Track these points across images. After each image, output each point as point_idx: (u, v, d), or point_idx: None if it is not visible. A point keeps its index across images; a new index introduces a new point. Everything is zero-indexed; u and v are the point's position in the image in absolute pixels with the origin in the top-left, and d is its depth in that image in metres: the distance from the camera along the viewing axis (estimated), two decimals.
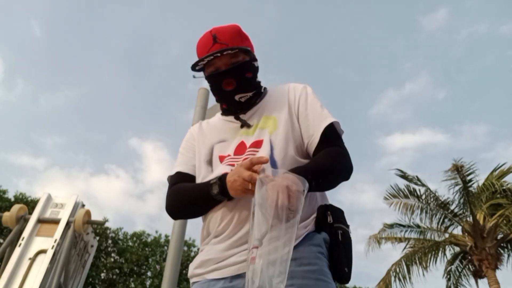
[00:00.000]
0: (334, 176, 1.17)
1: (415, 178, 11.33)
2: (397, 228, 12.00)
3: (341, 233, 1.12)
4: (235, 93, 1.28)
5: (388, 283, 11.21)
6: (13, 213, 3.54)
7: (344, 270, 1.09)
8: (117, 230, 17.97)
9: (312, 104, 1.28)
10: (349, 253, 1.13)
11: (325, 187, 1.17)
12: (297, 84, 1.35)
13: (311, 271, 1.03)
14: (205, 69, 1.31)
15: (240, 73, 1.27)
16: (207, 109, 4.93)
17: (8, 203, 14.12)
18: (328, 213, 1.15)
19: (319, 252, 1.08)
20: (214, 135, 1.33)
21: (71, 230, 3.43)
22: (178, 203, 1.23)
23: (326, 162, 1.16)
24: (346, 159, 1.21)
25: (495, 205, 10.72)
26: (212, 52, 1.22)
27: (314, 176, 1.05)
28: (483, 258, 10.59)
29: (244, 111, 1.32)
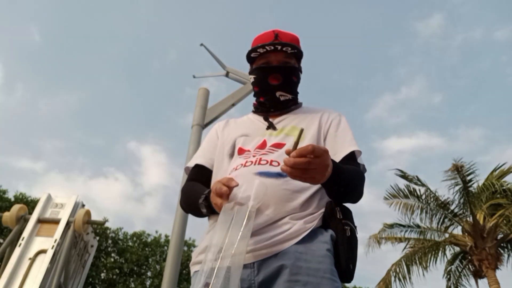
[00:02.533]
0: (352, 191, 1.16)
1: (415, 178, 11.33)
2: (397, 228, 12.00)
3: (348, 229, 1.10)
4: (278, 89, 1.33)
5: (388, 283, 11.21)
6: (13, 213, 3.54)
7: (349, 267, 1.07)
8: (117, 230, 17.97)
9: (344, 129, 1.31)
10: (355, 251, 1.11)
11: (338, 197, 1.15)
12: (333, 110, 1.38)
13: (318, 269, 1.01)
14: (256, 61, 1.36)
15: (289, 73, 1.33)
16: (207, 109, 4.94)
17: (8, 203, 14.12)
18: (337, 209, 1.14)
19: (327, 249, 1.06)
20: (238, 130, 1.35)
21: (71, 230, 3.43)
22: (185, 204, 1.28)
23: (353, 179, 1.16)
24: (363, 184, 1.22)
25: (495, 205, 10.72)
26: (273, 42, 1.29)
27: (343, 182, 1.07)
28: (483, 258, 10.58)
29: (276, 112, 1.35)
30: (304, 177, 0.93)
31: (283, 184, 1.11)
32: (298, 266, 1.00)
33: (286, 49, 1.30)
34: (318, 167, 0.92)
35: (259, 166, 1.16)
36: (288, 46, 1.30)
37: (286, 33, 1.36)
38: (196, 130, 4.56)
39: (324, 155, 0.93)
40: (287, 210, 1.09)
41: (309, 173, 0.92)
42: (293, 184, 1.11)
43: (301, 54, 1.37)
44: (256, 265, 1.03)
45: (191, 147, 4.37)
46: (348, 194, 1.15)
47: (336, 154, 1.21)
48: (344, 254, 1.07)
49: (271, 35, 1.33)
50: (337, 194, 1.13)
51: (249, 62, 1.40)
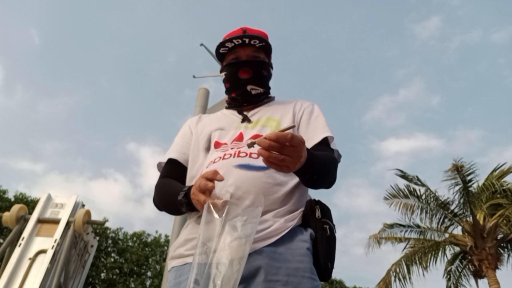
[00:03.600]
0: (325, 178, 1.16)
1: (415, 178, 11.33)
2: (397, 228, 12.00)
3: (327, 228, 1.10)
4: (248, 83, 1.33)
5: (388, 283, 11.21)
6: (13, 213, 3.54)
7: (327, 265, 1.07)
8: (117, 230, 17.96)
9: (317, 117, 1.31)
10: (333, 250, 1.11)
11: (311, 184, 1.15)
12: (306, 100, 1.39)
13: (298, 268, 1.00)
14: (226, 58, 1.37)
15: (258, 67, 1.34)
16: (207, 109, 4.93)
17: (8, 203, 14.11)
18: (317, 207, 1.14)
19: (306, 248, 1.06)
20: (213, 124, 1.34)
21: (71, 230, 3.43)
22: (160, 202, 1.24)
23: (327, 164, 1.15)
24: (336, 169, 1.22)
25: (495, 205, 10.71)
26: (240, 35, 1.31)
27: (316, 171, 1.06)
28: (483, 258, 10.58)
29: (249, 106, 1.35)
30: (277, 164, 0.92)
31: (264, 176, 1.10)
32: (277, 266, 0.99)
33: (254, 42, 1.31)
34: (293, 155, 0.91)
35: (239, 158, 1.15)
36: (256, 38, 1.31)
37: (254, 29, 1.37)
38: None
39: (301, 146, 0.92)
40: (267, 204, 1.08)
41: (283, 161, 0.91)
42: (274, 177, 1.11)
43: (270, 49, 1.38)
44: None
45: None
46: (321, 181, 1.14)
47: (308, 140, 1.21)
48: (323, 253, 1.07)
49: (239, 31, 1.35)
50: (310, 182, 1.13)
51: (220, 60, 1.41)
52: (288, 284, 0.96)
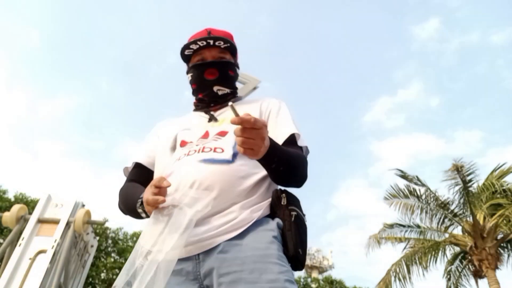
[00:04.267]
0: (293, 172, 1.16)
1: (415, 178, 11.32)
2: (397, 228, 12.00)
3: (295, 215, 1.09)
4: (215, 84, 1.35)
5: (388, 283, 11.20)
6: (13, 213, 3.54)
7: (298, 252, 1.05)
8: (117, 230, 17.96)
9: (284, 115, 1.31)
10: (303, 236, 1.10)
11: (279, 177, 1.15)
12: (273, 98, 1.39)
13: (264, 255, 1.00)
14: (191, 59, 1.38)
15: (224, 68, 1.35)
16: None
17: (8, 203, 14.09)
18: (282, 195, 1.13)
19: (273, 236, 1.05)
20: (179, 125, 1.35)
21: (71, 230, 3.43)
22: (123, 207, 1.25)
23: (293, 159, 1.16)
24: (306, 165, 1.21)
25: (495, 205, 10.70)
26: (205, 37, 1.32)
27: (279, 160, 1.08)
28: (483, 258, 10.58)
29: (216, 106, 1.36)
30: (243, 147, 0.95)
31: (228, 169, 1.11)
32: (243, 256, 0.99)
33: (219, 43, 1.32)
34: (256, 137, 0.94)
35: (203, 153, 1.16)
36: (221, 40, 1.32)
37: (218, 30, 1.39)
38: None
39: (263, 128, 0.96)
40: (232, 197, 1.08)
41: (248, 143, 0.94)
42: (238, 170, 1.12)
43: (235, 50, 1.39)
44: (201, 256, 1.03)
45: None
46: (289, 174, 1.14)
47: (276, 138, 1.19)
48: (291, 239, 1.06)
49: (204, 32, 1.36)
50: (277, 174, 1.13)
51: (185, 62, 1.41)
52: (255, 271, 0.96)
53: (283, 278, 0.96)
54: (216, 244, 1.02)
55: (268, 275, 0.95)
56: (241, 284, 0.95)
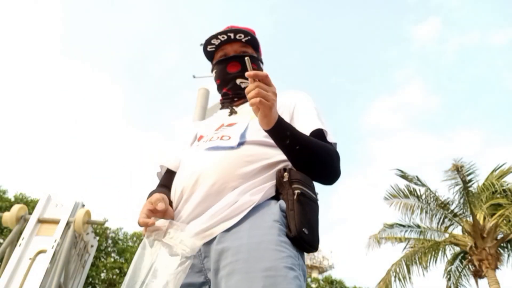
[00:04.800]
0: (317, 161, 1.08)
1: (415, 178, 11.32)
2: (397, 228, 12.00)
3: (298, 193, 0.99)
4: (237, 77, 1.35)
5: (388, 283, 11.20)
6: (13, 213, 3.54)
7: (302, 232, 0.95)
8: (117, 230, 17.95)
9: (310, 109, 1.26)
10: (309, 214, 1.00)
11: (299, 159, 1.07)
12: (299, 91, 1.36)
13: (261, 241, 0.92)
14: (215, 56, 1.40)
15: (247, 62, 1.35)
16: (207, 109, 4.93)
17: (8, 203, 14.09)
18: (285, 174, 1.04)
19: (273, 220, 0.97)
20: (204, 123, 1.39)
21: (71, 230, 3.43)
22: None
23: (316, 143, 1.10)
24: (336, 159, 1.14)
25: (495, 205, 10.71)
26: (225, 30, 1.33)
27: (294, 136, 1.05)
28: (483, 258, 10.58)
29: (240, 100, 1.35)
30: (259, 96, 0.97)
31: (232, 155, 1.08)
32: (239, 244, 0.93)
33: (240, 37, 1.33)
34: (268, 90, 0.98)
35: (210, 142, 1.15)
36: (241, 33, 1.33)
37: (240, 26, 1.39)
38: None
39: (274, 87, 1.00)
40: (232, 182, 1.03)
41: (262, 94, 0.97)
42: (243, 155, 1.08)
43: (257, 44, 1.40)
44: (202, 249, 0.99)
45: None
46: (310, 160, 1.07)
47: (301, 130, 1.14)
48: (293, 219, 0.96)
49: (225, 28, 1.38)
50: (295, 155, 1.07)
51: (210, 60, 1.43)
52: (249, 260, 0.89)
53: (281, 265, 0.88)
54: (215, 235, 0.98)
55: (263, 263, 0.88)
56: (236, 275, 0.88)
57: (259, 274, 0.86)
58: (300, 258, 0.96)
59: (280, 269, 0.87)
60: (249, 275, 0.87)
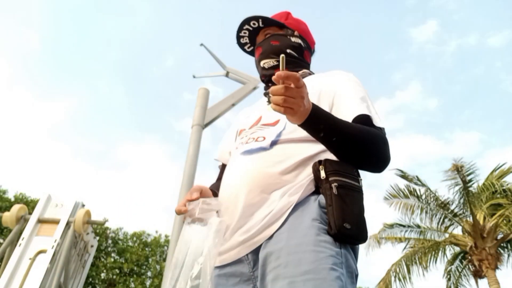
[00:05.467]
0: (359, 149, 1.01)
1: (415, 178, 11.32)
2: (397, 228, 12.00)
3: (336, 186, 0.94)
4: (260, 59, 1.32)
5: (388, 283, 11.21)
6: (13, 213, 3.54)
7: (342, 226, 0.89)
8: (117, 230, 17.96)
9: (352, 92, 1.14)
10: (352, 206, 0.94)
11: (338, 150, 1.01)
12: (341, 71, 1.25)
13: (300, 244, 0.89)
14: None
15: (266, 42, 1.32)
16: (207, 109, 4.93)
17: (8, 203, 14.10)
18: (320, 167, 0.98)
19: (312, 219, 0.93)
20: (246, 113, 1.35)
21: (71, 230, 3.43)
22: None
23: (356, 131, 1.01)
24: (383, 144, 1.05)
25: (495, 205, 10.71)
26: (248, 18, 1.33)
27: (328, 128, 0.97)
28: (483, 258, 10.58)
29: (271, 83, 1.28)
30: (284, 105, 0.88)
31: (264, 156, 1.05)
32: (279, 248, 0.91)
33: (254, 24, 1.33)
34: (296, 96, 0.88)
35: (246, 145, 1.12)
36: (256, 19, 1.32)
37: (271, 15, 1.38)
38: (196, 130, 4.56)
39: (304, 87, 0.89)
40: (269, 186, 1.00)
41: (288, 102, 0.88)
42: (275, 155, 1.04)
43: (278, 23, 1.34)
44: (249, 256, 0.99)
45: (191, 147, 4.37)
46: (351, 149, 1.00)
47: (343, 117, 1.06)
48: (332, 215, 0.91)
49: None
50: (334, 147, 1.00)
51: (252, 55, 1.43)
52: (289, 265, 0.87)
53: (320, 266, 0.84)
54: (260, 243, 0.96)
55: (302, 267, 0.85)
56: (279, 281, 0.86)
57: (298, 278, 0.84)
58: (345, 255, 0.91)
59: (320, 271, 0.84)
60: (289, 280, 0.85)
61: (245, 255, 0.99)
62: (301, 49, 1.33)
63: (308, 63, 1.36)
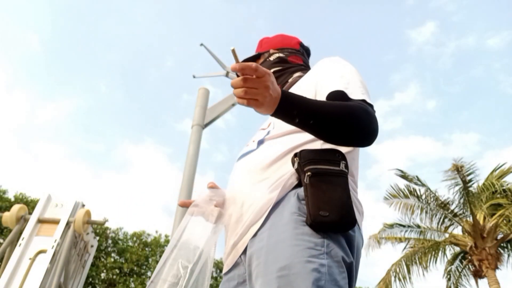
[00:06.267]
0: (340, 126, 0.94)
1: (415, 178, 11.32)
2: (397, 228, 12.00)
3: (309, 175, 0.91)
4: None
5: (388, 283, 11.21)
6: (13, 213, 3.54)
7: (318, 215, 0.86)
8: (117, 230, 17.96)
9: (330, 72, 1.11)
10: (330, 192, 0.90)
11: (320, 132, 0.96)
12: (328, 57, 1.21)
13: (277, 241, 0.88)
14: None
15: None
16: (207, 109, 4.93)
17: (8, 203, 14.10)
18: (295, 159, 0.96)
19: (290, 213, 0.91)
20: None
21: (71, 230, 3.43)
22: None
23: (330, 108, 0.95)
24: (365, 114, 0.98)
25: (495, 205, 10.71)
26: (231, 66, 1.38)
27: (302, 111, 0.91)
28: (483, 258, 10.58)
29: None
30: (245, 97, 0.85)
31: (250, 158, 1.08)
32: (260, 247, 0.90)
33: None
34: (259, 86, 0.84)
35: (240, 153, 1.17)
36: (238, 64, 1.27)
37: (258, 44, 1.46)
38: (196, 130, 4.56)
39: (267, 76, 0.84)
40: (254, 185, 1.00)
41: (250, 93, 0.84)
42: (259, 154, 1.06)
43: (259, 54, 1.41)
44: (243, 258, 0.99)
45: (191, 147, 4.37)
46: (332, 128, 0.94)
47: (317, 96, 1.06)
48: (307, 206, 0.88)
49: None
50: (314, 131, 0.96)
51: None
52: (267, 262, 0.86)
53: (295, 260, 0.83)
54: (247, 243, 0.96)
55: (278, 263, 0.84)
56: (259, 279, 0.86)
57: (273, 275, 0.83)
58: (328, 244, 0.87)
59: (294, 266, 0.82)
60: (266, 278, 0.84)
61: (239, 257, 1.00)
62: (283, 59, 1.37)
63: (301, 63, 1.37)
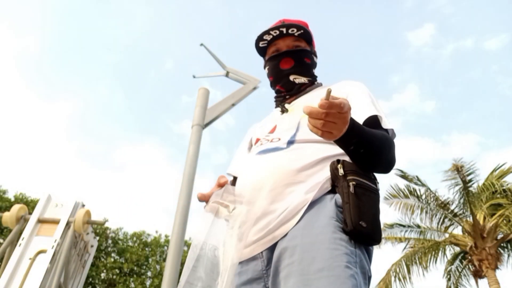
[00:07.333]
0: (377, 157, 1.03)
1: (415, 178, 11.32)
2: (397, 228, 12.00)
3: (354, 185, 0.95)
4: (291, 73, 1.30)
5: (388, 283, 11.20)
6: (13, 213, 3.54)
7: (358, 224, 0.89)
8: (117, 230, 17.96)
9: (364, 96, 1.18)
10: (368, 206, 0.94)
11: (360, 160, 1.01)
12: (353, 80, 1.28)
13: (314, 242, 0.89)
14: (267, 52, 1.35)
15: (299, 56, 1.30)
16: (207, 109, 4.93)
17: (8, 203, 14.10)
18: (339, 166, 0.99)
19: (329, 217, 0.93)
20: (260, 125, 1.36)
21: (71, 230, 3.43)
22: None
23: (378, 141, 1.02)
24: (393, 148, 1.08)
25: (495, 205, 10.71)
26: (278, 25, 1.28)
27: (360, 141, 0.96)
28: (483, 258, 10.58)
29: (292, 97, 1.30)
30: (322, 129, 0.86)
31: (280, 156, 1.07)
32: (294, 245, 0.91)
33: (292, 31, 1.28)
34: (338, 122, 0.86)
35: (261, 146, 1.14)
36: (294, 27, 1.27)
37: (292, 19, 1.34)
38: (196, 130, 4.56)
39: (349, 112, 0.87)
40: (286, 184, 1.01)
41: (328, 126, 0.86)
42: (292, 154, 1.06)
43: (311, 37, 1.34)
44: (264, 254, 0.99)
45: (191, 147, 4.37)
46: (372, 158, 1.01)
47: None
48: (348, 212, 0.91)
49: (278, 22, 1.33)
50: (358, 157, 1.01)
51: (262, 55, 1.39)
52: (303, 262, 0.87)
53: (334, 264, 0.84)
54: (276, 240, 0.96)
55: (316, 264, 0.85)
56: (292, 278, 0.86)
57: (312, 276, 0.84)
58: (359, 254, 0.91)
59: (334, 268, 0.84)
60: (303, 277, 0.85)
61: (260, 252, 0.99)
62: (315, 65, 1.36)
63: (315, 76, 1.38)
